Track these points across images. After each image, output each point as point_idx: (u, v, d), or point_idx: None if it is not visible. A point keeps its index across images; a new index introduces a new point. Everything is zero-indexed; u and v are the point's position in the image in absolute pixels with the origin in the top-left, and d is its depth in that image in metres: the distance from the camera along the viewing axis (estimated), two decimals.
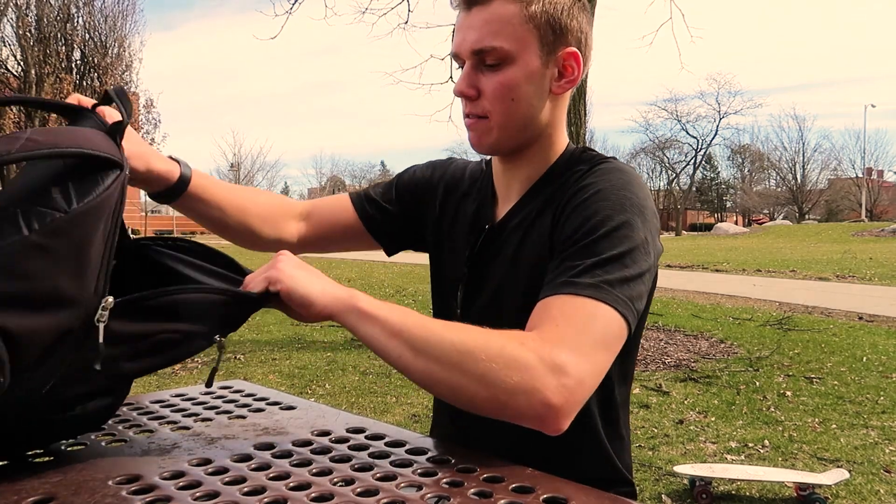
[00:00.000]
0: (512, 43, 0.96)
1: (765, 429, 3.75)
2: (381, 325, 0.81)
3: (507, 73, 0.97)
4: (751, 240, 28.44)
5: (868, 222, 36.05)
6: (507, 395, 0.77)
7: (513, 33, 0.96)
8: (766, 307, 8.38)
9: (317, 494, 0.68)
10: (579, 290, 0.85)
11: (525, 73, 0.97)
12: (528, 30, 0.96)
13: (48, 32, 19.44)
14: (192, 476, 0.72)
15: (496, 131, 1.01)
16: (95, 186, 0.68)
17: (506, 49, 0.96)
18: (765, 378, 4.83)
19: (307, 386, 4.78)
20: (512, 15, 0.95)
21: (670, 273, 13.07)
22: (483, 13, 0.96)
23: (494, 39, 0.95)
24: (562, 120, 1.06)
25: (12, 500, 0.66)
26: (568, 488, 0.69)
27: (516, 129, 1.01)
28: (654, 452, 3.36)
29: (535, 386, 0.77)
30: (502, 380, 0.77)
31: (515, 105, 0.98)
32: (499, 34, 0.95)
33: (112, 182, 0.70)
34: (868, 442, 3.51)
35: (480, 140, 1.03)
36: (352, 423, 0.95)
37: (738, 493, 2.90)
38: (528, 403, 0.77)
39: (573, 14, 0.98)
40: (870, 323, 7.13)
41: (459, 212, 1.15)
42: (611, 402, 1.04)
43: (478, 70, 0.98)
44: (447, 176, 1.20)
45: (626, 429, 1.08)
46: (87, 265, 0.67)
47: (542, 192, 1.04)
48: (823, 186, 55.04)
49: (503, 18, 0.95)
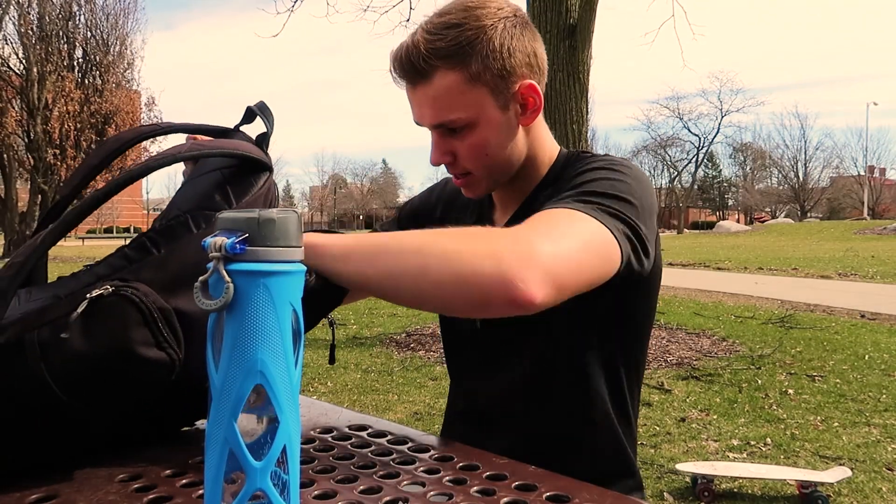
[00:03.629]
0: (467, 110, 0.95)
1: (767, 427, 3.75)
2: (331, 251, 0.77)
3: (475, 136, 0.97)
4: (753, 238, 28.41)
5: (870, 220, 36.02)
6: (471, 264, 0.72)
7: (464, 101, 0.94)
8: (768, 305, 8.37)
9: (319, 492, 0.68)
10: (566, 205, 0.83)
11: (490, 128, 0.97)
12: (477, 90, 0.94)
13: (50, 30, 19.45)
14: (194, 474, 0.72)
15: (484, 182, 1.03)
16: (251, 187, 0.80)
17: (464, 118, 0.95)
18: (767, 376, 4.82)
19: (309, 384, 4.78)
20: (456, 84, 0.93)
21: (672, 271, 13.06)
22: (428, 90, 0.94)
23: (450, 113, 0.95)
24: (540, 135, 1.06)
25: (15, 497, 0.66)
26: (571, 486, 0.69)
27: (501, 173, 1.03)
28: (657, 450, 3.36)
29: (502, 249, 0.73)
30: (467, 250, 0.73)
31: (492, 158, 1.00)
32: (452, 107, 0.94)
33: (264, 182, 0.82)
34: (870, 440, 3.51)
35: (473, 192, 1.05)
36: (354, 420, 0.94)
37: (740, 490, 2.90)
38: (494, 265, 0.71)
39: (513, 48, 0.95)
40: (872, 321, 7.12)
41: (457, 222, 1.16)
42: (621, 390, 1.05)
43: (445, 136, 0.98)
44: (445, 194, 1.22)
45: (636, 423, 1.10)
46: None
47: (539, 197, 1.05)
48: (825, 184, 55.03)
49: (450, 91, 0.94)
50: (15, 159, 19.22)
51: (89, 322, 0.68)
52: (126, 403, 0.73)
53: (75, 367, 0.68)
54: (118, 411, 0.73)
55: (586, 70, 5.40)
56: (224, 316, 0.49)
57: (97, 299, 0.68)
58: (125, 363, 0.69)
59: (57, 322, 0.68)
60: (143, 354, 0.69)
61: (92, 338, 0.68)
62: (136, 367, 0.69)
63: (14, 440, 0.70)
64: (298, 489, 0.53)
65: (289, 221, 0.51)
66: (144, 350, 0.69)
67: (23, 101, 19.06)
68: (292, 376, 0.51)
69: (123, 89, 21.07)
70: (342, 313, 8.04)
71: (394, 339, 6.31)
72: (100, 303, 0.69)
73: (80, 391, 0.69)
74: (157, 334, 0.69)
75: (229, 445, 0.49)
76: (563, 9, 5.34)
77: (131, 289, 0.70)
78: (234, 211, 0.52)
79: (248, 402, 0.50)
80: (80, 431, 0.72)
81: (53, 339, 0.68)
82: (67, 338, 0.67)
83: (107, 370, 0.69)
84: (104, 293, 0.69)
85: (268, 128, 0.86)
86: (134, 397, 0.72)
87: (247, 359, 0.49)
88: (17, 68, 19.22)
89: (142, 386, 0.71)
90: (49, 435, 0.71)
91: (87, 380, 0.69)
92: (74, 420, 0.71)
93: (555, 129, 5.28)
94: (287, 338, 0.50)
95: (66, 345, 0.67)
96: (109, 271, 0.74)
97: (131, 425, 0.80)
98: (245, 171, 0.81)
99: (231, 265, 0.49)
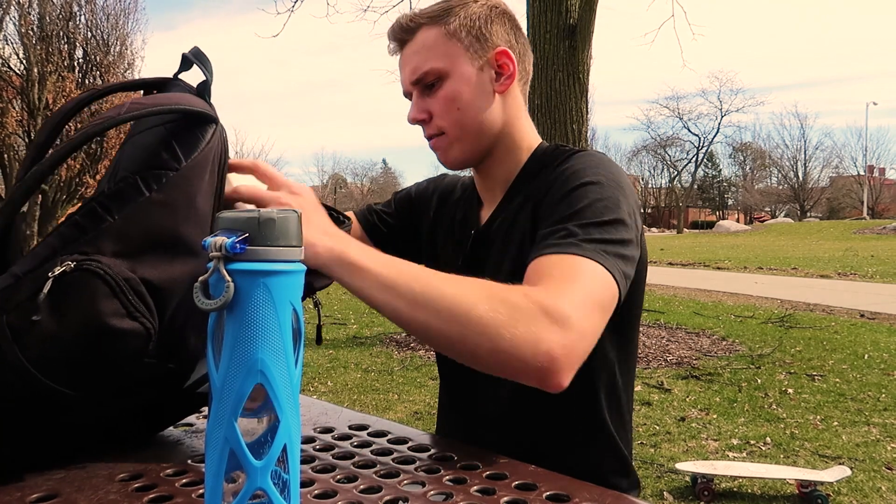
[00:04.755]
0: (442, 60, 1.02)
1: (766, 426, 3.75)
2: (373, 279, 0.78)
3: (447, 88, 1.03)
4: (752, 237, 28.41)
5: (870, 220, 35.98)
6: (510, 347, 0.75)
7: (440, 52, 1.02)
8: (768, 305, 8.37)
9: (319, 492, 0.68)
10: (572, 249, 0.85)
11: (462, 81, 1.03)
12: (452, 44, 1.03)
13: (50, 31, 19.43)
14: (194, 473, 0.73)
15: (456, 144, 1.06)
16: (198, 142, 0.77)
17: (438, 67, 1.02)
18: (766, 375, 4.83)
19: (309, 383, 4.78)
20: (435, 37, 1.03)
21: (672, 270, 13.06)
22: (412, 46, 1.04)
23: (426, 63, 1.02)
24: (519, 117, 1.08)
25: (16, 496, 0.66)
26: (571, 485, 0.69)
27: (474, 136, 1.05)
28: (656, 450, 3.36)
29: (540, 337, 0.75)
30: (506, 331, 0.75)
31: (463, 113, 1.03)
32: (429, 58, 1.02)
33: (211, 136, 0.78)
34: (870, 439, 3.51)
35: (446, 156, 1.07)
36: (354, 420, 0.95)
37: (739, 490, 2.90)
38: (532, 354, 0.75)
39: (491, 21, 1.04)
40: (871, 320, 7.12)
41: (449, 219, 1.20)
42: (615, 388, 1.06)
43: (423, 96, 1.05)
44: (441, 188, 1.25)
45: (630, 419, 1.10)
46: (200, 214, 0.76)
47: (521, 190, 1.07)
48: (825, 184, 54.97)
49: (428, 43, 1.03)
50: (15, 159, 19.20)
51: (56, 301, 0.67)
52: (110, 381, 0.71)
53: (51, 348, 0.66)
54: (105, 394, 0.71)
55: (586, 70, 5.40)
56: (224, 315, 0.50)
57: (61, 276, 0.67)
58: (100, 337, 0.67)
59: (23, 305, 0.67)
60: (116, 326, 0.68)
61: (62, 317, 0.67)
62: (111, 339, 0.68)
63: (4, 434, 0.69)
64: (299, 488, 0.53)
65: (289, 221, 0.51)
66: (117, 321, 0.68)
67: (23, 101, 19.05)
68: (292, 376, 0.51)
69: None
70: (342, 313, 8.04)
71: (394, 339, 6.31)
72: (64, 279, 0.67)
73: (60, 372, 0.67)
74: (128, 305, 0.68)
75: (230, 445, 0.49)
76: (563, 9, 5.34)
77: (94, 262, 0.68)
78: (234, 210, 0.52)
79: (249, 402, 0.50)
80: (70, 420, 0.71)
81: (24, 322, 0.66)
82: (39, 320, 0.66)
83: (84, 346, 0.67)
84: (67, 269, 0.67)
85: (206, 76, 0.82)
86: (116, 373, 0.70)
87: (247, 358, 0.49)
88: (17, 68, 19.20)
89: (122, 358, 0.69)
90: (38, 426, 0.70)
91: (66, 360, 0.67)
92: (62, 407, 0.69)
93: (555, 129, 5.28)
94: (287, 337, 0.51)
95: (38, 327, 0.66)
96: (62, 242, 0.71)
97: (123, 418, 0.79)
98: (190, 125, 0.77)
99: (231, 265, 0.49)
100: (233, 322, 0.49)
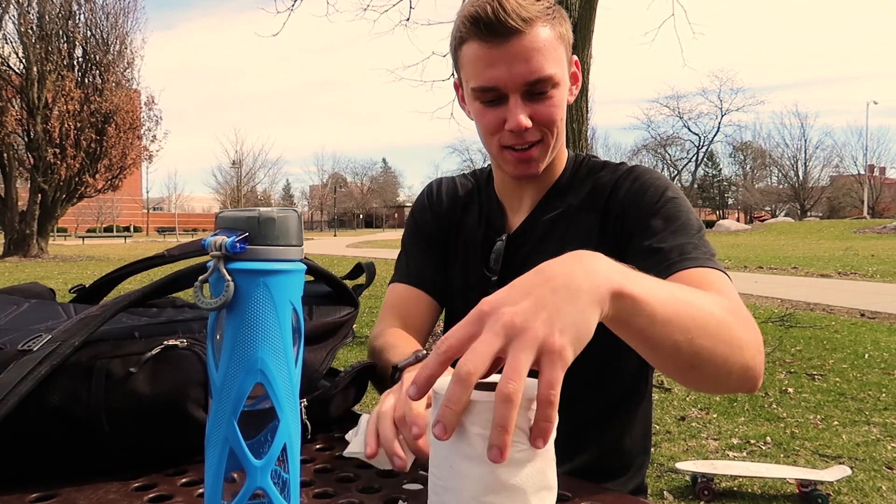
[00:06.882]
0: (558, 65, 0.96)
1: (767, 425, 3.75)
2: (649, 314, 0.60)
3: (556, 97, 0.97)
4: (752, 237, 28.41)
5: (870, 219, 36.02)
6: (751, 358, 0.72)
7: (556, 56, 0.95)
8: (768, 304, 8.37)
9: (319, 491, 0.68)
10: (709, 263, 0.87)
11: (565, 90, 0.99)
12: (562, 50, 0.97)
13: (50, 30, 19.42)
14: (194, 473, 0.72)
15: (550, 153, 1.02)
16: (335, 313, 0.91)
17: (555, 74, 0.95)
18: (766, 375, 4.82)
19: None
20: (552, 38, 0.95)
21: None
22: (530, 40, 0.92)
23: (547, 67, 0.94)
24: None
25: (15, 496, 0.66)
26: (571, 485, 0.69)
27: (561, 146, 1.04)
28: (656, 449, 3.36)
29: (760, 341, 0.75)
30: (749, 341, 0.72)
31: (562, 123, 1.00)
32: (549, 61, 0.94)
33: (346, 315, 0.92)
34: (870, 439, 3.51)
35: (538, 165, 1.00)
36: (354, 419, 0.94)
37: (739, 489, 2.90)
38: (761, 361, 0.74)
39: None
40: (871, 320, 7.12)
41: (463, 222, 1.14)
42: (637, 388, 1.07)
43: (528, 100, 0.96)
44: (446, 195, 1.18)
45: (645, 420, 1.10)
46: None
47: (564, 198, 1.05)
48: (825, 183, 55.03)
49: (548, 44, 0.94)
50: (15, 158, 19.20)
51: (157, 367, 0.71)
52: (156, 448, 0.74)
53: (130, 405, 0.70)
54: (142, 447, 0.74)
55: (586, 70, 5.40)
56: (224, 315, 0.49)
57: (172, 347, 0.72)
58: (173, 415, 0.71)
59: (128, 358, 0.71)
60: (191, 413, 0.72)
61: (156, 383, 0.71)
62: (180, 421, 0.72)
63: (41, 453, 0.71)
64: (298, 488, 0.53)
65: (289, 220, 0.51)
66: (194, 409, 0.72)
67: (23, 100, 19.04)
68: (292, 375, 0.51)
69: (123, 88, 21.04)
70: None
71: None
72: (173, 351, 0.72)
73: (123, 427, 0.71)
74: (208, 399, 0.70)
75: (229, 444, 0.49)
76: (563, 8, 5.33)
77: (202, 346, 0.74)
78: (235, 210, 0.52)
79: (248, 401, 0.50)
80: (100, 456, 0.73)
81: (121, 372, 0.70)
82: (134, 373, 0.70)
83: (155, 416, 0.71)
84: (179, 344, 0.72)
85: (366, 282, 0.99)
86: (165, 441, 0.74)
87: (247, 357, 0.49)
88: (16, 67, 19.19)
89: (177, 437, 0.73)
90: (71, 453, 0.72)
91: (135, 419, 0.71)
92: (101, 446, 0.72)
93: None
94: (287, 336, 0.50)
95: (130, 381, 0.70)
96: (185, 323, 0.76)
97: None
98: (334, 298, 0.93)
99: (231, 264, 0.49)
100: (233, 321, 0.49)
